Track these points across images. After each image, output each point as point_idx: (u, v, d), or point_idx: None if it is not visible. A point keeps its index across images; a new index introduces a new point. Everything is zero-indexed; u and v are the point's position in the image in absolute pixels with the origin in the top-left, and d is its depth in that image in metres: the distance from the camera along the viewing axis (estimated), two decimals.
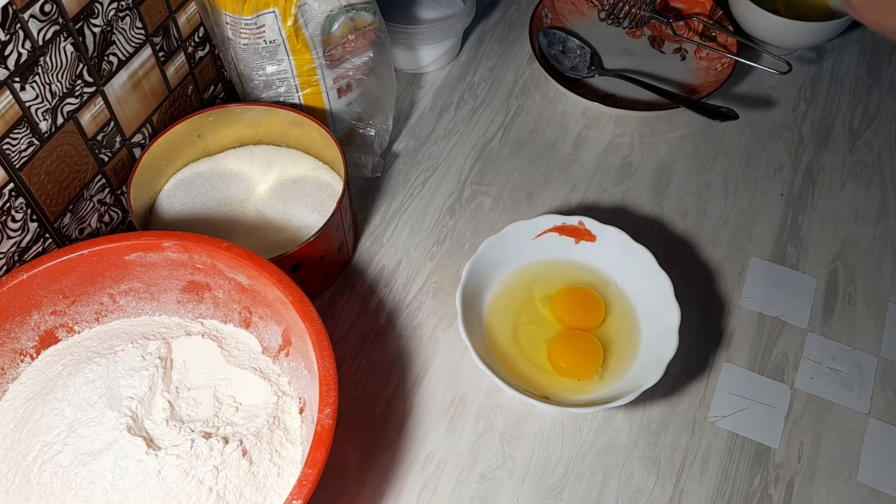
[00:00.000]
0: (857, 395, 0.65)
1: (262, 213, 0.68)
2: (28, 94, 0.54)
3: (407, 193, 0.77)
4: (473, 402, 0.64)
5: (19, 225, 0.57)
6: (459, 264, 0.71)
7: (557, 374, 0.63)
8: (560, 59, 0.87)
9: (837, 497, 0.60)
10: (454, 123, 0.83)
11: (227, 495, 0.50)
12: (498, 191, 0.78)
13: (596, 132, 0.83)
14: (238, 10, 0.64)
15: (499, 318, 0.66)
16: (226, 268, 0.56)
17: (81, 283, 0.56)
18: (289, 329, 0.55)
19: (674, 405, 0.64)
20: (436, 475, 0.60)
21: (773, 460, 0.62)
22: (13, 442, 0.52)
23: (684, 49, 0.90)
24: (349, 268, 0.72)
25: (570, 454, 0.61)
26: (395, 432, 0.62)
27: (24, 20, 0.51)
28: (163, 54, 0.66)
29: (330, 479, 0.59)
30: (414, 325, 0.68)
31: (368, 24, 0.69)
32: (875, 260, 0.73)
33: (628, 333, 0.65)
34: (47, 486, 0.49)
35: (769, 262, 0.73)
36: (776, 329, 0.69)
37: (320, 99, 0.71)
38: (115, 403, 0.52)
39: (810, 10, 0.89)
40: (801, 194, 0.78)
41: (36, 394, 0.55)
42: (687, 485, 0.60)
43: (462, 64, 0.89)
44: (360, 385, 0.65)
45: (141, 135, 0.67)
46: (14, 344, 0.56)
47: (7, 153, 0.54)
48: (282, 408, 0.55)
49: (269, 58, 0.67)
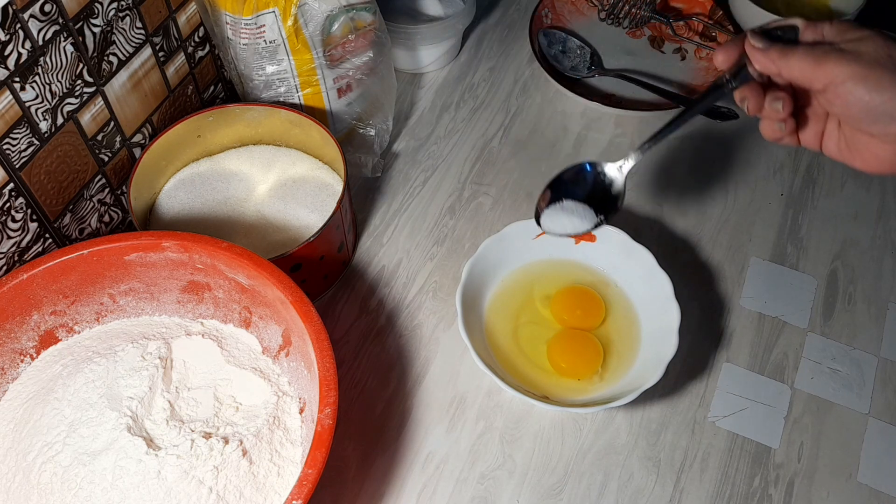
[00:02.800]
0: (857, 395, 0.65)
1: (262, 213, 0.68)
2: (28, 94, 0.54)
3: (407, 193, 0.77)
4: (473, 402, 0.64)
5: (19, 225, 0.57)
6: (459, 264, 0.71)
7: (557, 374, 0.63)
8: (560, 59, 0.87)
9: (837, 497, 0.60)
10: (454, 123, 0.83)
11: (227, 495, 0.50)
12: (498, 191, 0.78)
13: (596, 132, 0.83)
14: (238, 10, 0.64)
15: (499, 318, 0.66)
16: (226, 268, 0.56)
17: (81, 283, 0.56)
18: (289, 329, 0.55)
19: (674, 405, 0.64)
20: (436, 475, 0.60)
21: (773, 460, 0.62)
22: (13, 442, 0.52)
23: (684, 49, 0.90)
24: (349, 268, 0.72)
25: (570, 454, 0.61)
26: (395, 432, 0.62)
27: (24, 20, 0.51)
28: (163, 54, 0.66)
29: (330, 479, 0.59)
30: (414, 325, 0.68)
31: (368, 24, 0.69)
32: (875, 260, 0.73)
33: (628, 333, 0.65)
34: (47, 486, 0.49)
35: (769, 262, 0.73)
36: (776, 329, 0.69)
37: (320, 99, 0.71)
38: (115, 403, 0.52)
39: (810, 10, 0.89)
40: (801, 194, 0.78)
41: (36, 394, 0.55)
42: (687, 485, 0.60)
43: (462, 64, 0.89)
44: (360, 385, 0.65)
45: (141, 135, 0.67)
46: (14, 344, 0.56)
47: (7, 153, 0.54)
48: (282, 408, 0.55)
49: (269, 58, 0.67)
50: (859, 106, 0.45)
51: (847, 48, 0.45)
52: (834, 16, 0.88)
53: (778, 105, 0.49)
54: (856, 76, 0.44)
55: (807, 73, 0.46)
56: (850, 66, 0.45)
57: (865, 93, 0.45)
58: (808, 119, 0.51)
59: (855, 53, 0.45)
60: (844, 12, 0.87)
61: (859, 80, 0.44)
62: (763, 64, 0.47)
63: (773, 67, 0.47)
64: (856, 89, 0.45)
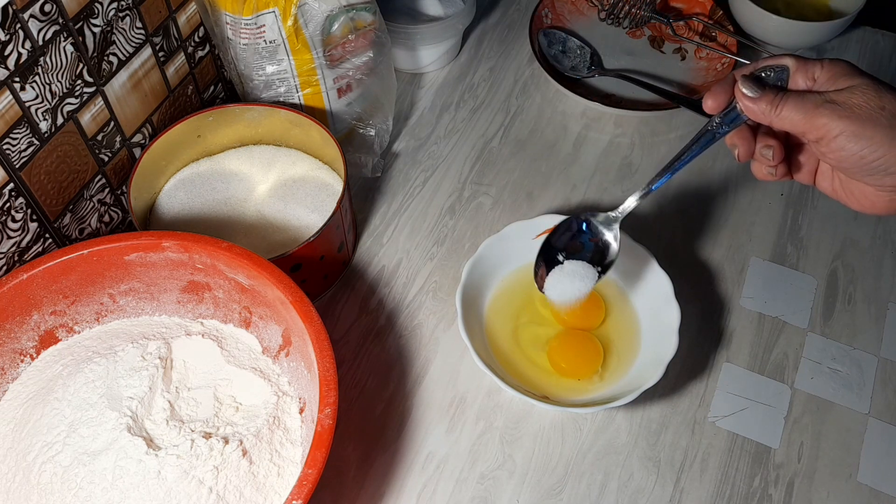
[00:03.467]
0: (857, 395, 0.65)
1: (262, 213, 0.68)
2: (28, 94, 0.54)
3: (407, 193, 0.77)
4: (473, 402, 0.64)
5: (19, 225, 0.57)
6: (459, 264, 0.71)
7: (558, 374, 0.63)
8: (560, 59, 0.87)
9: (837, 497, 0.60)
10: (454, 123, 0.83)
11: (227, 495, 0.50)
12: (498, 191, 0.78)
13: (596, 132, 0.83)
14: (238, 10, 0.64)
15: (499, 318, 0.66)
16: (226, 268, 0.56)
17: (81, 283, 0.56)
18: (289, 329, 0.55)
19: (674, 405, 0.64)
20: (436, 475, 0.60)
21: (773, 460, 0.62)
22: (13, 442, 0.52)
23: (684, 49, 0.90)
24: (349, 268, 0.72)
25: (570, 454, 0.61)
26: (395, 432, 0.62)
27: (24, 20, 0.51)
28: (163, 54, 0.66)
29: (330, 479, 0.59)
30: (414, 325, 0.68)
31: (368, 24, 0.69)
32: (875, 260, 0.73)
33: (628, 333, 0.65)
34: (47, 486, 0.49)
35: (769, 261, 0.73)
36: (776, 329, 0.69)
37: (320, 99, 0.71)
38: (115, 403, 0.52)
39: (810, 9, 0.89)
40: (801, 194, 0.78)
41: (36, 394, 0.55)
42: (687, 485, 0.60)
43: (462, 64, 0.89)
44: (360, 385, 0.65)
45: (141, 135, 0.67)
46: (14, 344, 0.56)
47: (7, 153, 0.54)
48: (282, 408, 0.55)
49: (269, 58, 0.67)
50: (853, 160, 0.45)
51: (839, 100, 0.44)
52: (834, 16, 0.88)
53: (769, 153, 0.49)
54: (848, 132, 0.44)
55: (798, 127, 0.45)
56: (842, 121, 0.44)
57: (858, 149, 0.44)
58: (801, 160, 0.51)
59: (847, 107, 0.44)
60: (844, 12, 0.87)
61: (852, 136, 0.43)
62: (754, 114, 0.47)
63: (765, 119, 0.46)
64: (848, 145, 0.44)
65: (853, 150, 0.44)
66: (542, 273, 0.60)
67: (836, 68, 0.46)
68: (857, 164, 0.45)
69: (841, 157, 0.45)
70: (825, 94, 0.45)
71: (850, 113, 0.44)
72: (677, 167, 0.53)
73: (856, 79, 0.45)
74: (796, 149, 0.51)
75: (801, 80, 0.47)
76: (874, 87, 0.44)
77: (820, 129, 0.44)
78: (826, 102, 0.44)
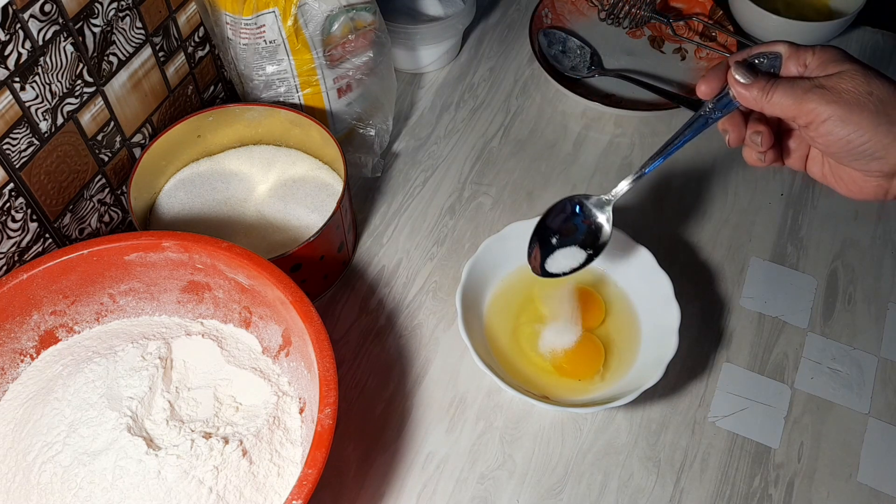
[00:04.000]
0: (857, 395, 0.65)
1: (262, 213, 0.68)
2: (28, 94, 0.54)
3: (407, 193, 0.77)
4: (473, 402, 0.64)
5: (19, 225, 0.57)
6: (459, 264, 0.71)
7: (558, 374, 0.63)
8: (560, 59, 0.87)
9: (837, 497, 0.60)
10: (454, 123, 0.83)
11: (227, 495, 0.50)
12: (498, 191, 0.78)
13: (596, 132, 0.83)
14: (238, 10, 0.64)
15: (499, 318, 0.66)
16: (226, 268, 0.56)
17: (81, 283, 0.56)
18: (289, 329, 0.55)
19: (674, 405, 0.64)
20: (436, 475, 0.60)
21: (773, 460, 0.62)
22: (13, 442, 0.52)
23: (684, 49, 0.90)
24: (349, 268, 0.72)
25: (570, 454, 0.61)
26: (395, 432, 0.62)
27: (24, 20, 0.51)
28: (163, 54, 0.66)
29: (330, 479, 0.59)
30: (414, 325, 0.68)
31: (368, 24, 0.69)
32: (875, 260, 0.73)
33: (628, 333, 0.65)
34: (47, 486, 0.49)
35: (769, 262, 0.73)
36: (776, 329, 0.69)
37: (320, 99, 0.71)
38: (115, 403, 0.52)
39: (810, 10, 0.89)
40: (801, 194, 0.78)
41: (36, 394, 0.55)
42: (687, 485, 0.60)
43: (462, 64, 0.89)
44: (360, 385, 0.65)
45: (141, 135, 0.67)
46: (14, 344, 0.56)
47: (7, 153, 0.54)
48: (282, 408, 0.55)
49: (269, 58, 0.67)
50: (840, 145, 0.45)
51: (828, 85, 0.45)
52: (834, 16, 0.88)
53: (758, 139, 0.49)
54: (836, 116, 0.44)
55: (788, 112, 0.46)
56: (830, 106, 0.44)
57: (846, 133, 0.44)
58: (792, 144, 0.51)
59: (835, 91, 0.44)
60: (844, 12, 0.87)
61: (839, 120, 0.44)
62: (746, 100, 0.47)
63: (756, 105, 0.47)
64: (836, 129, 0.45)
65: (840, 135, 0.45)
66: (535, 254, 0.60)
67: (826, 54, 0.46)
68: (844, 149, 0.46)
69: (829, 142, 0.46)
70: (815, 80, 0.46)
71: (838, 98, 0.44)
72: (670, 151, 0.53)
73: (845, 64, 0.45)
74: (787, 135, 0.52)
75: (793, 66, 0.48)
76: (863, 73, 0.45)
77: (809, 114, 0.45)
78: (815, 87, 0.45)
